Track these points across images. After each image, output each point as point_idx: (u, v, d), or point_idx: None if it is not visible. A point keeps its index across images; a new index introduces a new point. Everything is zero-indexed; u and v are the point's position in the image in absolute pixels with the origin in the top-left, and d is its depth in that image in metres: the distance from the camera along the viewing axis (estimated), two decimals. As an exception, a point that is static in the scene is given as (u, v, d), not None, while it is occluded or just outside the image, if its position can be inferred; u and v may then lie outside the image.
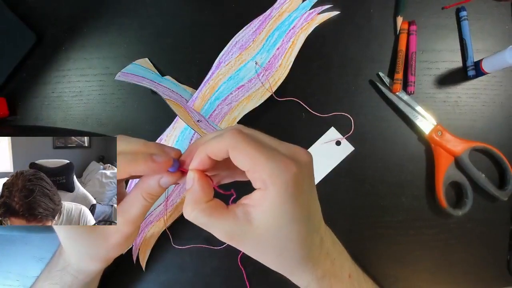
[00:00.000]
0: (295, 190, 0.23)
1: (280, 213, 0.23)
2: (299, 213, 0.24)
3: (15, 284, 0.44)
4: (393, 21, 0.46)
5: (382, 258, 0.44)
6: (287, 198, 0.23)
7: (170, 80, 0.45)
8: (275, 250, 0.25)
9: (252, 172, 0.23)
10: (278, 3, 0.46)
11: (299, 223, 0.24)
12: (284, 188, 0.22)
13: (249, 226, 0.23)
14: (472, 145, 0.43)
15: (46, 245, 0.44)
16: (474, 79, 0.46)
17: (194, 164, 0.24)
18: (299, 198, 0.23)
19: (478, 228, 0.44)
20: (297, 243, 0.25)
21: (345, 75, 0.46)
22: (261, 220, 0.23)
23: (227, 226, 0.24)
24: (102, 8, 0.47)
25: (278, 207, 0.23)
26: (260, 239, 0.24)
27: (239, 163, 0.23)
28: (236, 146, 0.23)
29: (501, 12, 0.47)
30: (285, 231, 0.24)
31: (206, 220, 0.24)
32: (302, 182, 0.23)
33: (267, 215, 0.23)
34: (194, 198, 0.24)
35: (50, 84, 0.46)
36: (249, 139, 0.23)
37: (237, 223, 0.23)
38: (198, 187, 0.24)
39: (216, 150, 0.23)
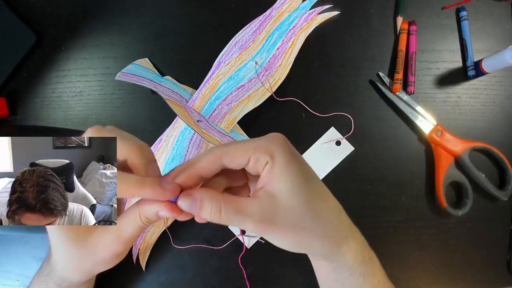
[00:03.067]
0: (295, 153, 0.25)
1: (293, 173, 0.25)
2: (308, 169, 0.26)
3: (15, 284, 0.44)
4: (393, 21, 0.46)
5: (382, 258, 0.44)
6: (292, 161, 0.25)
7: (170, 80, 0.45)
8: (309, 214, 0.25)
9: (253, 159, 0.24)
10: (278, 3, 0.46)
11: (314, 179, 0.27)
12: (284, 155, 0.24)
13: (275, 200, 0.24)
14: (472, 145, 0.43)
15: (46, 245, 0.44)
16: (474, 79, 0.46)
17: (189, 183, 0.25)
18: (301, 159, 0.26)
19: (478, 228, 0.44)
20: (326, 200, 0.27)
21: (345, 75, 0.46)
22: (281, 189, 0.24)
23: (256, 213, 0.24)
24: (102, 8, 0.47)
25: (288, 168, 0.24)
26: (291, 209, 0.24)
27: (238, 161, 0.25)
28: (227, 153, 0.24)
29: (501, 12, 0.47)
30: (306, 188, 0.25)
31: (237, 219, 0.24)
32: (296, 151, 0.26)
33: (283, 180, 0.24)
34: (209, 194, 0.24)
35: (50, 84, 0.46)
36: (230, 144, 0.25)
37: (264, 204, 0.24)
38: (213, 198, 0.24)
39: (208, 167, 0.25)
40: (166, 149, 0.44)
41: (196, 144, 0.43)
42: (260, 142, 0.25)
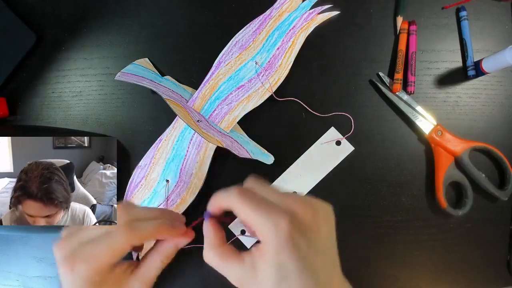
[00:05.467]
0: (289, 246, 0.24)
1: (278, 266, 0.24)
2: (294, 268, 0.24)
3: (15, 284, 0.44)
4: (393, 21, 0.47)
5: (382, 258, 0.44)
6: (281, 253, 0.24)
7: (170, 80, 0.45)
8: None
9: (252, 228, 0.26)
10: (278, 3, 0.46)
11: (298, 279, 0.24)
12: (277, 244, 0.24)
13: (254, 274, 0.25)
14: (472, 145, 0.43)
15: (46, 246, 0.44)
16: (474, 79, 0.46)
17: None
18: (294, 253, 0.24)
19: (478, 228, 0.44)
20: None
21: (345, 75, 0.46)
22: (263, 270, 0.25)
23: (237, 272, 0.26)
24: (102, 8, 0.47)
25: (275, 260, 0.24)
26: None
27: (241, 220, 0.27)
28: (236, 207, 0.26)
29: (501, 12, 0.47)
30: (284, 285, 0.24)
31: (220, 263, 0.27)
32: (298, 239, 0.25)
33: (267, 265, 0.25)
34: (209, 242, 0.29)
35: (50, 84, 0.46)
36: (248, 199, 0.26)
37: (245, 269, 0.26)
38: (212, 234, 0.29)
39: (224, 207, 0.28)
40: (166, 149, 0.44)
41: (196, 144, 0.43)
42: (261, 219, 0.25)
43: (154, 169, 0.44)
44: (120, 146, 0.45)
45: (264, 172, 0.44)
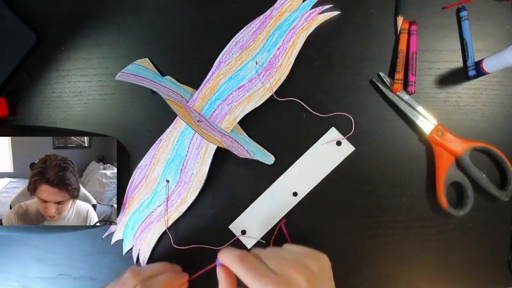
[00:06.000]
0: None
1: None
2: None
3: (15, 285, 0.44)
4: (393, 21, 0.46)
5: (382, 258, 0.44)
6: None
7: (170, 80, 0.45)
8: None
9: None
10: (279, 3, 0.46)
11: None
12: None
13: None
14: (473, 145, 0.43)
15: (46, 246, 0.44)
16: (475, 79, 0.46)
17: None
18: None
19: (479, 228, 0.44)
20: None
21: (345, 75, 0.46)
22: None
23: None
24: (102, 8, 0.47)
25: None
26: None
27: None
28: (236, 272, 0.29)
29: (501, 12, 0.47)
30: None
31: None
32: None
33: None
34: None
35: (50, 84, 0.46)
36: (248, 269, 0.28)
37: None
38: (225, 280, 0.31)
39: (230, 268, 0.30)
40: (166, 149, 0.44)
41: (197, 144, 0.43)
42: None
43: (155, 169, 0.44)
44: (120, 146, 0.45)
45: (265, 172, 0.44)
